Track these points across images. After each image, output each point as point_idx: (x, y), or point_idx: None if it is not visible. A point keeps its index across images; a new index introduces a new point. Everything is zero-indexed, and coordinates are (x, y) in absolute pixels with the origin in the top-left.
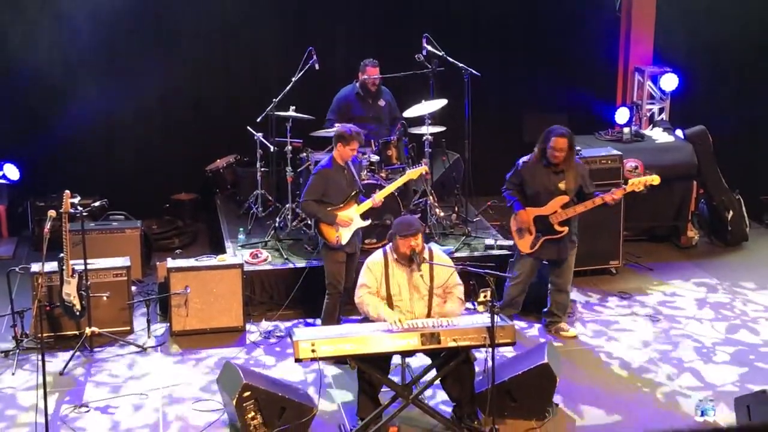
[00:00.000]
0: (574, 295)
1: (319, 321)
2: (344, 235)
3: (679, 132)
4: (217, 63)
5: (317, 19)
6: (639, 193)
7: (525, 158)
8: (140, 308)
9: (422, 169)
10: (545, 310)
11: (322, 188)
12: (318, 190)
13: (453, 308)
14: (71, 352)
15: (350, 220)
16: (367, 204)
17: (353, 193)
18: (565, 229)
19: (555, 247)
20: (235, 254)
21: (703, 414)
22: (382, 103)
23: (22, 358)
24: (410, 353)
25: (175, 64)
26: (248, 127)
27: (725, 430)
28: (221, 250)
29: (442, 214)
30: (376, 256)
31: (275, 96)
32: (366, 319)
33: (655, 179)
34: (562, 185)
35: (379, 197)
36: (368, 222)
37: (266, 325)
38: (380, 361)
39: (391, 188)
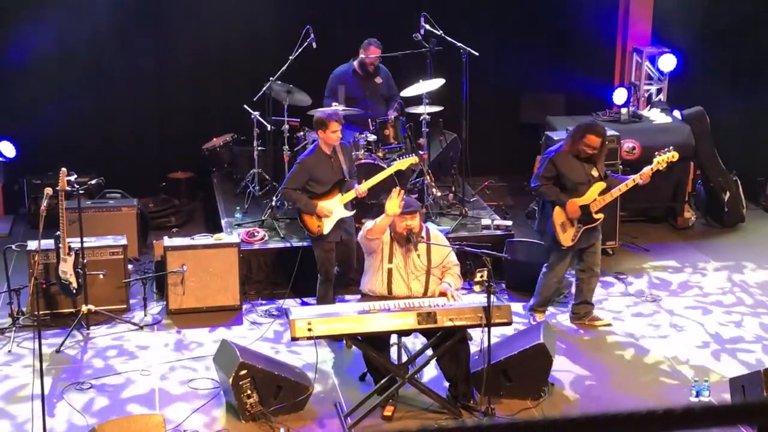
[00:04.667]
0: (570, 276)
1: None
2: (326, 225)
3: (676, 113)
4: (214, 41)
5: None
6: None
7: (554, 149)
8: (137, 286)
9: (412, 159)
10: (577, 302)
11: (305, 178)
12: (300, 179)
13: (455, 283)
14: (68, 330)
15: (330, 211)
16: (351, 194)
17: (337, 182)
18: (602, 215)
19: (591, 234)
20: (231, 233)
21: (698, 394)
22: (379, 80)
23: (19, 335)
24: (406, 332)
25: (172, 43)
26: (245, 106)
27: (716, 407)
28: (218, 228)
29: (439, 193)
30: None
31: (272, 75)
32: (364, 297)
33: (674, 156)
34: (594, 172)
35: (363, 188)
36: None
37: (263, 303)
38: (377, 340)
39: (377, 179)
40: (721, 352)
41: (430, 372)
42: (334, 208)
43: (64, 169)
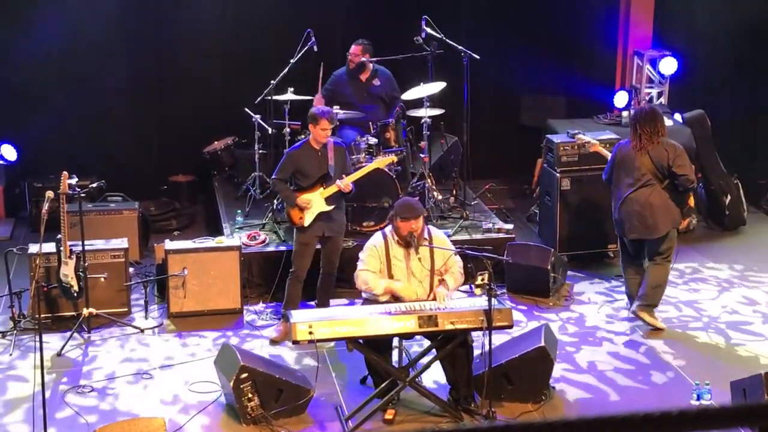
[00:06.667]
0: (571, 279)
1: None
2: (306, 218)
3: (677, 116)
4: (215, 44)
5: (316, 1)
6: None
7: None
8: (138, 290)
9: (390, 158)
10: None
11: (291, 169)
12: (286, 170)
13: (451, 283)
14: (69, 333)
15: (309, 202)
16: (333, 188)
17: (321, 176)
18: None
19: None
20: (232, 236)
21: (699, 398)
22: (377, 82)
23: (20, 338)
24: (408, 336)
25: (173, 46)
26: (246, 109)
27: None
28: (219, 232)
29: (440, 197)
30: (377, 239)
31: (273, 78)
32: (366, 302)
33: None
34: None
35: (346, 181)
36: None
37: (263, 306)
38: (379, 343)
39: (357, 175)
40: (724, 355)
41: (432, 375)
42: (314, 201)
43: (65, 173)
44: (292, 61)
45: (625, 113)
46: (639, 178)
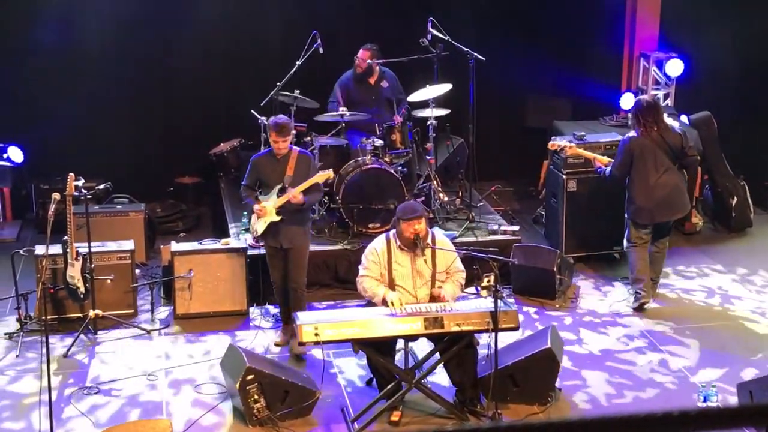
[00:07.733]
0: (575, 280)
1: (321, 305)
2: (259, 226)
3: (683, 118)
4: (221, 46)
5: (322, 3)
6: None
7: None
8: (144, 291)
9: (328, 173)
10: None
11: (254, 176)
12: (250, 176)
13: (450, 291)
14: (75, 335)
15: (264, 210)
16: (283, 199)
17: (279, 186)
18: None
19: None
20: (238, 238)
21: (705, 400)
22: (385, 84)
23: (26, 340)
24: (413, 338)
25: (179, 47)
26: (252, 111)
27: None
28: (225, 233)
29: (445, 198)
30: (379, 243)
31: (279, 79)
32: (370, 304)
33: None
34: None
35: (296, 191)
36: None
37: (270, 308)
38: (384, 345)
39: (306, 185)
40: (728, 357)
41: (437, 377)
42: (267, 210)
43: (71, 174)
44: (298, 62)
45: (631, 115)
46: (662, 163)
